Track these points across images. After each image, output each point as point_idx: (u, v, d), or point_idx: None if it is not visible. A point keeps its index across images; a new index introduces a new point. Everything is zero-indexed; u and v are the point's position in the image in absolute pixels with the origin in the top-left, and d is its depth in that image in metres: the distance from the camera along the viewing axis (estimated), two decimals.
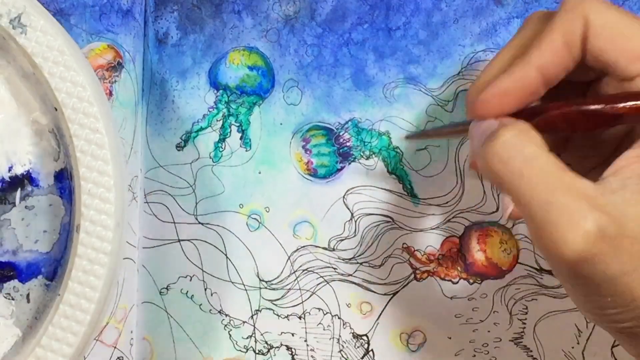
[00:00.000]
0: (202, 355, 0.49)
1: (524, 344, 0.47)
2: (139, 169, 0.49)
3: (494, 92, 0.37)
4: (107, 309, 0.42)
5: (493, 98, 0.37)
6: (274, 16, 0.49)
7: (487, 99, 0.37)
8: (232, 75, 0.49)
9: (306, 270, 0.48)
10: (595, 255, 0.33)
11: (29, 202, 0.43)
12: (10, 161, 0.43)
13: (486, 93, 0.37)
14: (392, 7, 0.48)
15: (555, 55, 0.36)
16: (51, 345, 0.39)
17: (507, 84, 0.37)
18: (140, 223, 0.49)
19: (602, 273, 0.33)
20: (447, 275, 0.48)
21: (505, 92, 0.37)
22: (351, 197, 0.48)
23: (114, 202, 0.40)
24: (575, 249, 0.33)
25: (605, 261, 0.33)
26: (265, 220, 0.49)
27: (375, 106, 0.48)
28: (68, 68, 0.40)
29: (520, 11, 0.46)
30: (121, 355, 0.48)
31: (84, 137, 0.40)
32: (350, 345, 0.48)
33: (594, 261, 0.33)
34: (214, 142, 0.49)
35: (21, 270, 0.43)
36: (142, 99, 0.50)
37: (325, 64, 0.48)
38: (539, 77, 0.37)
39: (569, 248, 0.33)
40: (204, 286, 0.49)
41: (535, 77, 0.37)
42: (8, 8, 0.41)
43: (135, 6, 0.49)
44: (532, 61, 0.36)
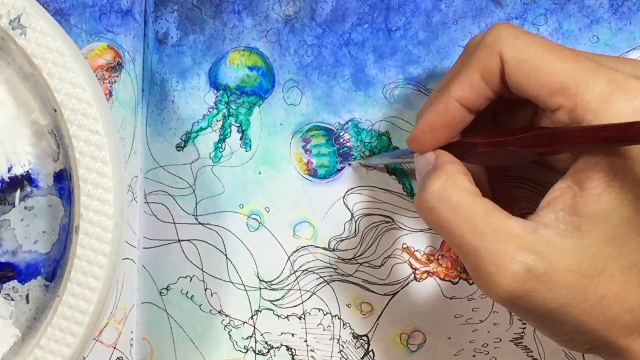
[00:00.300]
0: (202, 355, 0.49)
1: (524, 345, 0.47)
2: (139, 169, 0.49)
3: (423, 128, 0.39)
4: (107, 309, 0.42)
5: (423, 134, 0.39)
6: (274, 16, 0.49)
7: (418, 136, 0.40)
8: (232, 76, 0.49)
9: (306, 271, 0.48)
10: (527, 292, 0.34)
11: (28, 202, 0.43)
12: (10, 162, 0.43)
13: (416, 130, 0.40)
14: (392, 7, 0.47)
15: (473, 89, 0.37)
16: (50, 346, 0.40)
17: (432, 119, 0.39)
18: (140, 223, 0.49)
19: (541, 307, 0.35)
20: (446, 275, 0.48)
21: (431, 126, 0.39)
22: (351, 198, 0.48)
23: (113, 204, 0.40)
24: (505, 290, 0.34)
25: (539, 296, 0.34)
26: (265, 220, 0.49)
27: (375, 106, 0.48)
28: (67, 69, 0.40)
29: (519, 12, 0.46)
30: (121, 355, 0.48)
31: (83, 138, 0.40)
32: (350, 345, 0.48)
33: (528, 297, 0.34)
34: (214, 143, 0.49)
35: (20, 271, 0.43)
36: (142, 99, 0.50)
37: (325, 64, 0.48)
38: (461, 108, 0.38)
39: (499, 289, 0.34)
40: (204, 286, 0.49)
41: (456, 108, 0.38)
42: (8, 9, 0.41)
43: (135, 6, 0.49)
44: (451, 94, 0.38)
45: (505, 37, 0.36)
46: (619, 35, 0.46)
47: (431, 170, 0.38)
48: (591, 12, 0.46)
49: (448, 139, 0.40)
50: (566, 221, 0.35)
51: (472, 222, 0.35)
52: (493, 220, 0.35)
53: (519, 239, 0.34)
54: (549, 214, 0.35)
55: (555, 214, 0.35)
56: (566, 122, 0.35)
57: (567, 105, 0.34)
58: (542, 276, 0.34)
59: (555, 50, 0.35)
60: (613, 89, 0.34)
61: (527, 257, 0.34)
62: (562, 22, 0.46)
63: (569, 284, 0.34)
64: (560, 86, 0.34)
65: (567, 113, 0.34)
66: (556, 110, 0.35)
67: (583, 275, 0.34)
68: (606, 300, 0.34)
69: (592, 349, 0.36)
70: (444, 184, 0.37)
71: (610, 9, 0.46)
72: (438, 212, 0.36)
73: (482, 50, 0.37)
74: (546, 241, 0.34)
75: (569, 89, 0.34)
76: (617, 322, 0.35)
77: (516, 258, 0.34)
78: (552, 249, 0.34)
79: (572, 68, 0.34)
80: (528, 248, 0.34)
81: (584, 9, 0.46)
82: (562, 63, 0.35)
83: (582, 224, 0.34)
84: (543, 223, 0.35)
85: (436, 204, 0.36)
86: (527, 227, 0.35)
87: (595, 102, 0.34)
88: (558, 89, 0.34)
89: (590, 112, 0.34)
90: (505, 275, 0.34)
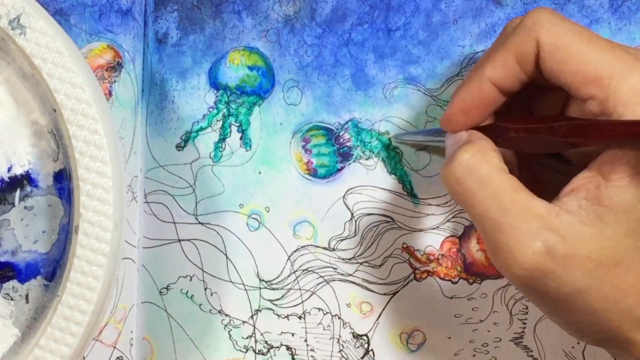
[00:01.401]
0: (202, 355, 0.49)
1: (524, 344, 0.47)
2: (139, 169, 0.49)
3: (456, 108, 0.39)
4: (107, 309, 0.42)
5: (456, 113, 0.39)
6: (274, 16, 0.49)
7: (450, 116, 0.40)
8: (232, 76, 0.49)
9: (306, 270, 0.48)
10: (545, 273, 0.34)
11: (28, 202, 0.43)
12: (10, 161, 0.43)
13: (450, 109, 0.40)
14: (392, 7, 0.47)
15: (507, 71, 0.37)
16: (50, 346, 0.40)
17: (465, 98, 0.39)
18: (140, 223, 0.49)
19: (555, 290, 0.35)
20: (446, 275, 0.48)
21: (464, 105, 0.39)
22: (351, 197, 0.48)
23: (112, 204, 0.40)
24: (524, 268, 0.34)
25: (557, 278, 0.34)
26: (265, 220, 0.49)
27: (375, 106, 0.48)
28: (67, 69, 0.40)
29: (519, 12, 0.46)
30: (121, 355, 0.48)
31: (83, 139, 0.40)
32: (350, 345, 0.48)
33: (544, 278, 0.34)
34: (214, 142, 0.49)
35: (20, 271, 0.43)
36: (142, 99, 0.50)
37: (325, 64, 0.48)
38: (494, 88, 0.38)
39: (518, 267, 0.35)
40: (204, 286, 0.49)
41: (489, 88, 0.38)
42: (7, 9, 0.41)
43: (135, 6, 0.49)
44: (484, 75, 0.38)
45: (544, 22, 0.36)
46: (618, 36, 0.46)
47: (462, 144, 0.38)
48: (591, 12, 0.46)
49: (480, 120, 0.40)
50: (589, 209, 0.35)
51: (497, 196, 0.35)
52: (519, 197, 0.35)
53: (543, 219, 0.34)
54: (572, 200, 0.35)
55: (579, 202, 0.35)
56: (596, 112, 0.35)
57: (599, 96, 0.34)
58: (562, 259, 0.34)
59: (592, 39, 0.35)
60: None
61: (549, 237, 0.34)
62: None
63: (586, 271, 0.34)
64: (594, 76, 0.34)
65: (599, 104, 0.34)
66: (588, 99, 0.35)
67: (601, 264, 0.34)
68: (620, 291, 0.34)
69: (600, 340, 0.36)
70: (474, 156, 0.37)
71: (610, 9, 0.46)
72: (464, 183, 0.36)
73: (519, 33, 0.37)
74: (568, 226, 0.34)
75: (603, 80, 0.34)
76: (630, 314, 0.35)
77: (539, 237, 0.34)
78: (573, 234, 0.34)
79: (608, 59, 0.34)
80: (551, 229, 0.34)
81: (583, 9, 0.46)
82: (598, 53, 0.35)
83: (604, 214, 0.34)
84: (566, 209, 0.35)
85: (463, 174, 0.36)
86: (551, 209, 0.35)
87: (627, 94, 0.34)
88: (592, 79, 0.34)
89: (621, 104, 0.34)
90: (526, 253, 0.34)
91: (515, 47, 0.37)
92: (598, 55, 0.35)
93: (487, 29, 0.47)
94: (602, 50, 0.35)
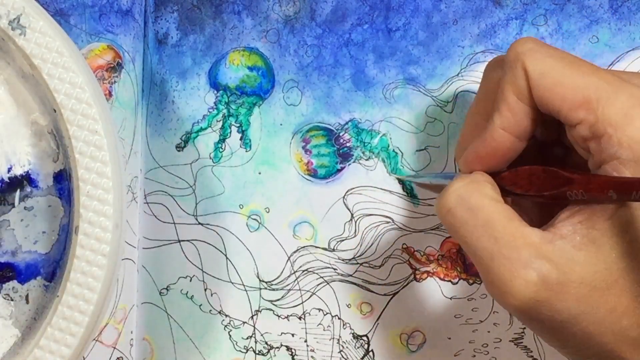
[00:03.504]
0: (202, 355, 0.49)
1: (524, 345, 0.47)
2: (138, 170, 0.49)
3: (472, 156, 0.39)
4: (107, 309, 0.42)
5: (472, 161, 0.39)
6: (273, 17, 0.49)
7: (467, 162, 0.39)
8: (232, 76, 0.49)
9: (306, 271, 0.48)
10: (539, 301, 0.34)
11: (28, 203, 0.43)
12: (10, 162, 0.43)
13: (466, 156, 0.39)
14: (392, 7, 0.47)
15: (513, 112, 0.37)
16: (50, 347, 0.40)
17: (480, 149, 0.38)
18: (140, 223, 0.49)
19: (550, 318, 0.35)
20: (446, 275, 0.48)
21: (480, 155, 0.38)
22: (351, 198, 0.48)
23: (112, 204, 0.40)
24: (518, 297, 0.34)
25: (551, 306, 0.34)
26: (265, 220, 0.49)
27: (375, 107, 0.48)
28: (67, 69, 0.40)
29: (519, 12, 0.46)
30: (121, 355, 0.48)
31: (83, 139, 0.40)
32: (350, 345, 0.48)
33: (539, 307, 0.34)
34: (214, 143, 0.49)
35: (20, 271, 0.43)
36: (142, 100, 0.50)
37: (325, 64, 0.48)
38: (508, 136, 0.37)
39: (512, 296, 0.34)
40: (204, 287, 0.49)
41: (503, 137, 0.37)
42: (7, 9, 0.41)
43: (135, 6, 0.49)
44: (495, 124, 0.37)
45: (526, 50, 0.36)
46: (618, 36, 0.46)
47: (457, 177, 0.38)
48: (591, 12, 0.46)
49: (499, 168, 0.39)
50: (582, 234, 0.35)
51: (489, 226, 0.35)
52: (511, 226, 0.35)
53: (535, 248, 0.34)
54: (566, 225, 0.35)
55: (573, 227, 0.35)
56: (587, 136, 0.35)
57: (588, 119, 0.34)
58: (555, 286, 0.34)
59: (576, 63, 0.35)
60: (634, 103, 0.34)
61: (542, 266, 0.34)
62: (562, 22, 0.46)
63: (580, 296, 0.34)
64: (582, 100, 0.34)
65: (588, 127, 0.34)
66: (577, 124, 0.35)
67: (594, 288, 0.34)
68: (615, 314, 0.34)
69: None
70: (466, 185, 0.37)
71: (609, 9, 0.46)
72: (456, 213, 0.36)
73: (509, 69, 0.36)
74: (561, 252, 0.34)
75: (591, 103, 0.34)
76: (625, 336, 0.35)
77: (531, 265, 0.34)
78: (566, 260, 0.34)
79: (594, 82, 0.34)
80: (543, 257, 0.34)
81: (583, 9, 0.46)
82: (583, 77, 0.35)
83: (597, 237, 0.34)
84: (560, 234, 0.35)
85: (455, 204, 0.36)
86: (544, 237, 0.35)
87: (616, 116, 0.34)
88: (580, 103, 0.34)
89: (610, 126, 0.34)
90: (519, 282, 0.34)
91: (510, 84, 0.36)
92: (583, 79, 0.34)
93: (487, 30, 0.47)
94: (587, 73, 0.35)
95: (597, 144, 0.35)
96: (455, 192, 0.37)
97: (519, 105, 0.37)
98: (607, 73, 0.35)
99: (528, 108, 0.37)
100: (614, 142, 0.34)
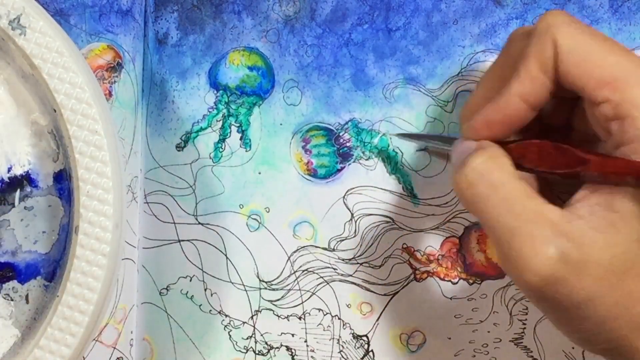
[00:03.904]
0: (202, 355, 0.49)
1: (524, 345, 0.47)
2: (138, 170, 0.49)
3: (481, 121, 0.39)
4: (107, 309, 0.42)
5: (481, 126, 0.39)
6: (273, 16, 0.49)
7: (475, 127, 0.39)
8: (232, 76, 0.49)
9: (306, 271, 0.48)
10: (558, 279, 0.34)
11: (28, 202, 0.43)
12: (10, 162, 0.43)
13: (475, 121, 0.39)
14: (392, 7, 0.47)
15: (533, 82, 0.37)
16: (49, 347, 0.40)
17: (492, 114, 0.38)
18: (140, 223, 0.49)
19: (567, 298, 0.34)
20: (446, 275, 0.48)
21: (490, 121, 0.38)
22: (351, 198, 0.48)
23: (112, 204, 0.40)
24: (537, 274, 0.34)
25: (569, 285, 0.34)
26: (265, 220, 0.49)
27: (375, 107, 0.48)
28: (67, 69, 0.40)
29: (519, 12, 0.46)
30: (121, 355, 0.48)
31: (83, 139, 0.40)
32: (350, 345, 0.48)
33: (557, 286, 0.34)
34: (214, 143, 0.49)
35: (20, 271, 0.43)
36: (142, 100, 0.50)
37: (325, 64, 0.48)
38: (522, 104, 0.37)
39: (531, 273, 0.34)
40: (204, 287, 0.49)
41: (518, 104, 0.37)
42: (7, 9, 0.41)
43: (135, 6, 0.49)
44: (512, 91, 0.37)
45: (560, 24, 0.35)
46: (618, 36, 0.46)
47: (473, 151, 0.38)
48: (591, 12, 0.46)
49: (504, 136, 0.39)
50: (601, 216, 0.34)
51: (510, 202, 0.35)
52: (532, 203, 0.35)
53: (556, 225, 0.34)
54: (584, 206, 0.35)
55: (591, 208, 0.35)
56: (609, 116, 0.34)
57: (613, 99, 0.34)
58: (575, 265, 0.34)
59: (607, 42, 0.35)
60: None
61: (562, 244, 0.34)
62: None
63: (598, 278, 0.34)
64: (609, 79, 0.34)
65: (612, 107, 0.34)
66: (601, 103, 0.35)
67: (611, 271, 0.34)
68: (630, 299, 0.34)
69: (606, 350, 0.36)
70: (487, 161, 0.36)
71: (610, 9, 0.46)
72: (477, 188, 0.36)
73: (537, 39, 0.36)
74: (580, 232, 0.34)
75: (617, 83, 0.34)
76: (638, 322, 0.34)
77: (552, 243, 0.34)
78: (585, 241, 0.34)
79: (624, 62, 0.34)
80: (564, 235, 0.34)
81: (583, 9, 0.46)
82: (614, 56, 0.34)
83: (616, 220, 0.34)
84: (577, 214, 0.35)
85: (476, 179, 0.36)
86: (564, 215, 0.35)
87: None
88: (607, 82, 0.34)
89: (635, 108, 0.34)
90: (540, 259, 0.34)
91: (537, 54, 0.36)
92: (614, 58, 0.34)
93: (487, 29, 0.47)
94: (618, 53, 0.35)
95: (619, 125, 0.34)
96: (476, 168, 0.36)
97: (540, 76, 0.36)
98: (637, 56, 0.35)
99: (548, 81, 0.36)
100: (637, 125, 0.34)
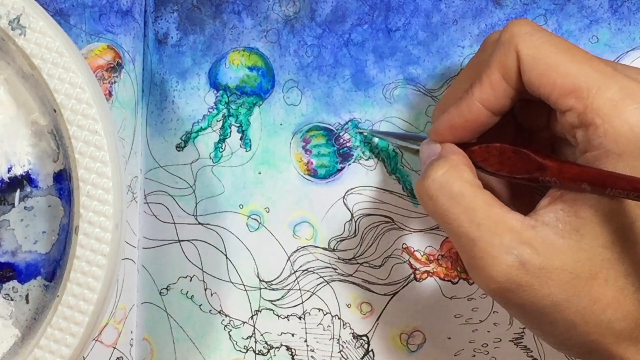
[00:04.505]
0: (202, 355, 0.49)
1: (524, 344, 0.47)
2: (138, 170, 0.49)
3: (444, 125, 0.39)
4: (107, 309, 0.42)
5: (443, 130, 0.39)
6: (273, 17, 0.49)
7: (438, 130, 0.40)
8: (232, 76, 0.49)
9: (306, 271, 0.48)
10: (520, 285, 0.34)
11: (28, 203, 0.43)
12: (10, 162, 0.43)
13: (438, 125, 0.40)
14: (392, 7, 0.47)
15: (494, 88, 0.37)
16: (50, 347, 0.40)
17: (454, 118, 0.39)
18: (140, 223, 0.49)
19: (532, 303, 0.35)
20: (446, 275, 0.48)
21: (453, 125, 0.39)
22: (351, 198, 0.48)
23: (112, 204, 0.40)
24: (496, 281, 0.35)
25: (532, 291, 0.34)
26: (265, 220, 0.49)
27: (375, 107, 0.48)
28: (67, 69, 0.40)
29: (519, 12, 0.46)
30: (121, 355, 0.48)
31: (83, 139, 0.40)
32: (350, 345, 0.48)
33: (519, 292, 0.35)
34: (214, 143, 0.49)
35: (20, 271, 0.43)
36: (142, 100, 0.50)
37: (325, 64, 0.48)
38: (483, 109, 0.38)
39: (491, 280, 0.35)
40: (204, 286, 0.49)
41: (479, 110, 0.38)
42: (7, 9, 0.41)
43: (135, 6, 0.49)
44: (474, 96, 0.38)
45: (522, 34, 0.36)
46: (618, 36, 0.46)
47: (435, 159, 0.38)
48: (591, 12, 0.46)
49: (468, 139, 0.40)
50: (565, 221, 0.35)
51: (471, 212, 0.35)
52: (492, 212, 0.35)
53: (516, 233, 0.35)
54: (548, 212, 0.35)
55: (555, 213, 0.35)
56: (575, 124, 0.35)
57: (577, 108, 0.34)
58: (537, 271, 0.34)
59: (570, 51, 0.35)
60: (624, 95, 0.34)
61: (522, 251, 0.34)
62: (562, 22, 0.46)
63: (563, 283, 0.34)
64: (572, 87, 0.34)
65: (577, 115, 0.34)
66: (566, 111, 0.35)
67: (577, 277, 0.34)
68: (599, 305, 0.34)
69: (582, 354, 0.36)
70: (446, 173, 0.37)
71: (609, 9, 0.46)
72: (438, 201, 0.37)
73: (500, 48, 0.37)
74: (543, 238, 0.34)
75: (581, 91, 0.34)
76: (610, 328, 0.34)
77: (511, 251, 0.34)
78: (548, 247, 0.34)
79: (586, 71, 0.34)
80: (524, 242, 0.34)
81: (583, 9, 0.46)
82: (576, 65, 0.35)
83: (580, 226, 0.34)
84: (542, 221, 0.35)
85: (437, 192, 0.37)
86: (526, 222, 0.35)
87: (605, 106, 0.34)
88: (570, 90, 0.34)
89: (599, 116, 0.34)
90: (500, 267, 0.34)
91: (498, 63, 0.37)
92: (576, 67, 0.35)
93: (487, 30, 0.47)
94: (580, 61, 0.35)
95: (584, 132, 0.35)
96: (437, 179, 0.37)
97: (502, 84, 0.37)
98: (601, 62, 0.35)
99: (510, 89, 0.37)
100: (600, 133, 0.34)
